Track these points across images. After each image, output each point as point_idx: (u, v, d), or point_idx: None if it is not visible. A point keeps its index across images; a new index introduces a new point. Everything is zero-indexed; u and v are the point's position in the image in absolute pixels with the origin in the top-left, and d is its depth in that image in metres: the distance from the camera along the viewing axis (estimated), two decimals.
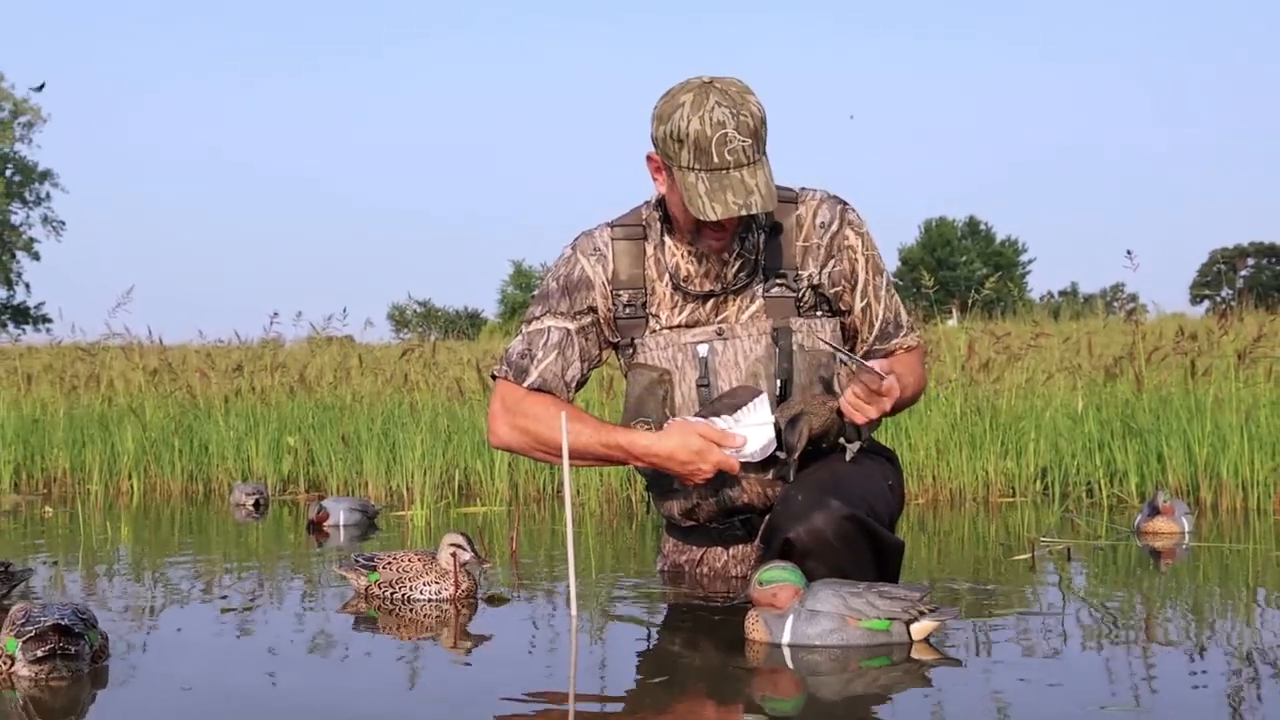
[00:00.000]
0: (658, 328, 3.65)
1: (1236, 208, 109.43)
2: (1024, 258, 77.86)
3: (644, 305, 3.66)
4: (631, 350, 3.69)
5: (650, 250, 3.67)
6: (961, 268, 72.20)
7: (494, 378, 3.78)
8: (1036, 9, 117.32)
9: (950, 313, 13.61)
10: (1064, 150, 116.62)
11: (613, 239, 3.71)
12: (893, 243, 77.68)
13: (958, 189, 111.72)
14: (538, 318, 3.72)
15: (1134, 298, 13.74)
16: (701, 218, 3.31)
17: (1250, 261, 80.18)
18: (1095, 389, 7.66)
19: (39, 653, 2.78)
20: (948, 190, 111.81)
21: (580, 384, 3.78)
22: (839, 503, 3.28)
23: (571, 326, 3.69)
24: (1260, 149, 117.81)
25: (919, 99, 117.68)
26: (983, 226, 78.21)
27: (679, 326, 3.63)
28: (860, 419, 3.34)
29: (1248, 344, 7.91)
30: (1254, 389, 7.07)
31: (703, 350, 3.58)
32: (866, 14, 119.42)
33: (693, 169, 3.31)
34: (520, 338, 3.74)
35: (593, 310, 3.69)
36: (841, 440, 3.51)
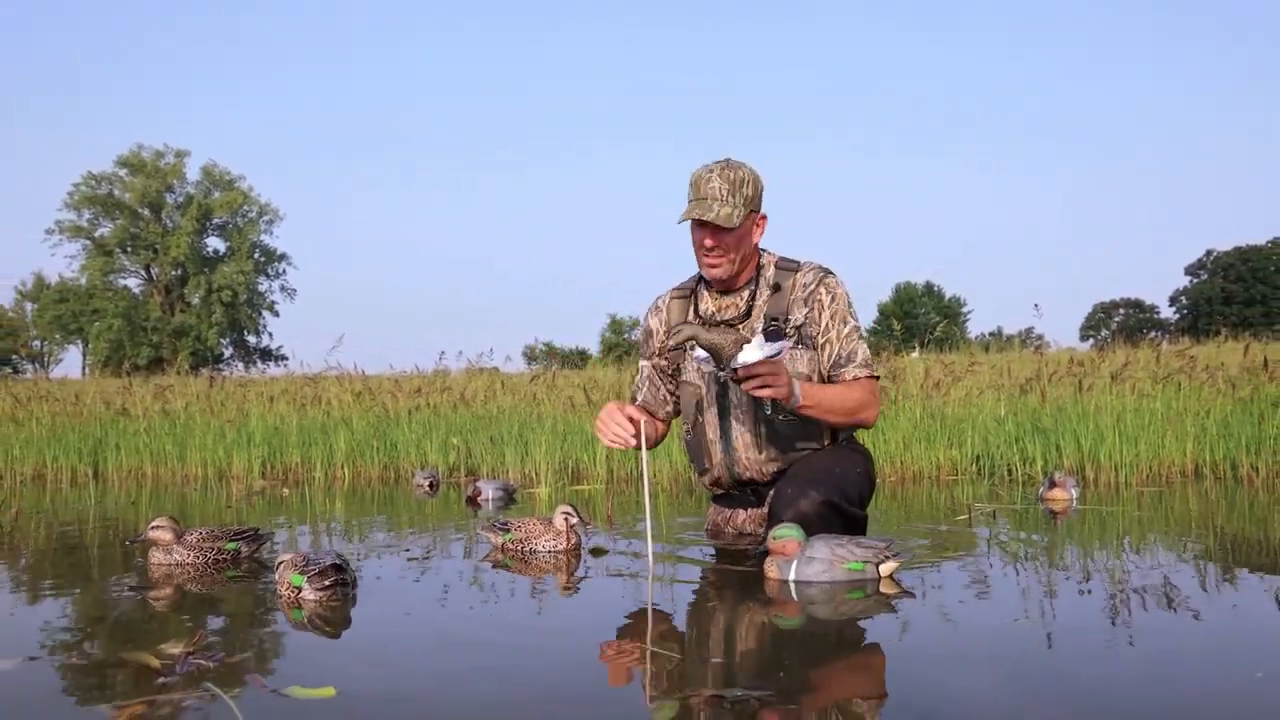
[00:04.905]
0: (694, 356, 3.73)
1: (1111, 273, 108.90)
2: (965, 309, 76.96)
3: None
4: (680, 373, 3.80)
5: (694, 305, 3.75)
6: (921, 317, 71.45)
7: None
8: (981, 134, 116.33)
9: (913, 348, 13.54)
10: (993, 233, 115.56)
11: (670, 298, 3.83)
12: (873, 299, 77.35)
13: (920, 261, 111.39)
14: (639, 363, 3.93)
15: (1040, 336, 13.59)
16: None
17: (1122, 311, 79.31)
18: (1013, 400, 7.61)
19: (325, 583, 2.91)
20: (913, 261, 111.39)
21: (674, 397, 3.90)
22: (816, 492, 3.32)
23: (651, 363, 3.87)
24: (1130, 234, 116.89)
25: (895, 197, 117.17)
26: (936, 288, 77.51)
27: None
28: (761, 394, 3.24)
29: (1119, 369, 7.98)
30: (1123, 400, 7.04)
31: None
32: (867, 141, 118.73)
33: (689, 200, 3.51)
34: (636, 377, 3.97)
35: (657, 351, 3.84)
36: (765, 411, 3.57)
